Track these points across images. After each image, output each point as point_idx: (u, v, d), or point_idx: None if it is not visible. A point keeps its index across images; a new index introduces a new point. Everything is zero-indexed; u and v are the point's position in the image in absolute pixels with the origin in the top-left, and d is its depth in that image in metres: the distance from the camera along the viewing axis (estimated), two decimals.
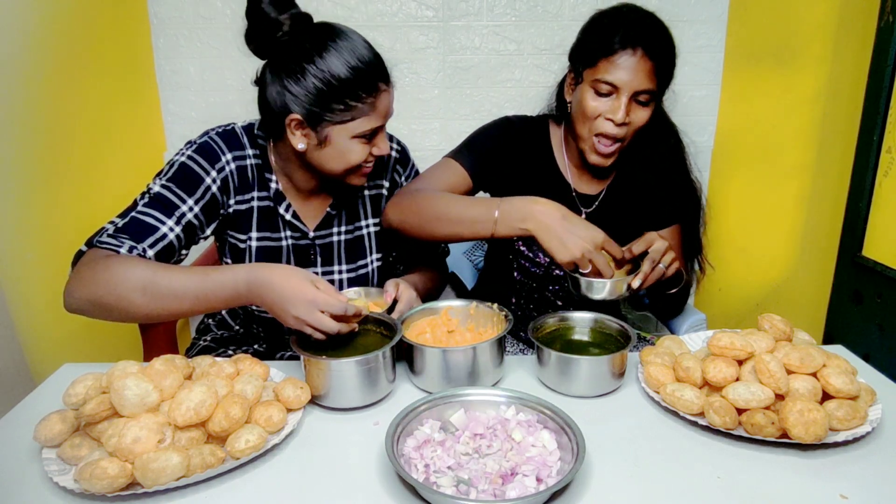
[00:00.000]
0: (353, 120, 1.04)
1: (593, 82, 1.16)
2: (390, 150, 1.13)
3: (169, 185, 1.06)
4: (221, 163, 1.10)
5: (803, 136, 1.61)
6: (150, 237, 1.01)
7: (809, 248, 1.64)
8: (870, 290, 1.39)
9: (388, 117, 1.10)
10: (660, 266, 1.09)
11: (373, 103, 1.04)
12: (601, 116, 1.16)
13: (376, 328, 1.02)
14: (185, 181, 1.07)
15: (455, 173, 1.25)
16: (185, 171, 1.07)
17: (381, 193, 1.27)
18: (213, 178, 1.09)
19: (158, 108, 1.85)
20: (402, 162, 1.30)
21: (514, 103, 1.91)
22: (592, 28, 1.21)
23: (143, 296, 0.92)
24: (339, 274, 1.24)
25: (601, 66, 1.14)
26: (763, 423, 0.80)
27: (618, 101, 1.15)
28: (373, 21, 1.82)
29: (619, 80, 1.13)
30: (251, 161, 1.14)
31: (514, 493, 0.70)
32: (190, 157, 1.09)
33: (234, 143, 1.13)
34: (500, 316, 1.04)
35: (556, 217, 1.03)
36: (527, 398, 0.85)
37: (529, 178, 1.30)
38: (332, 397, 0.90)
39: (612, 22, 1.16)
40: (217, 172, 1.10)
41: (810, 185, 1.62)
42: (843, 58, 1.49)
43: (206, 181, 1.08)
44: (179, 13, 1.78)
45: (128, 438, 0.71)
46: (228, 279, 0.94)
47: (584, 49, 1.19)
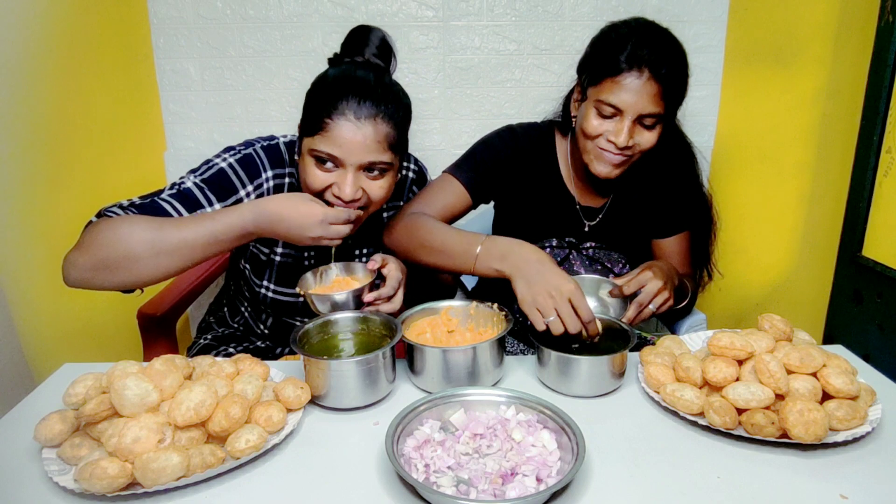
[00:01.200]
0: (312, 136, 1.02)
1: (597, 102, 1.11)
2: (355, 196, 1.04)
3: (202, 185, 1.05)
4: (261, 179, 1.10)
5: (803, 136, 1.61)
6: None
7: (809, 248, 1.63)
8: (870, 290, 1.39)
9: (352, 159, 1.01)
10: (649, 308, 1.08)
11: (329, 125, 1.00)
12: (603, 137, 1.12)
13: (376, 328, 1.02)
14: (218, 187, 1.06)
15: (453, 192, 1.23)
16: (221, 178, 1.06)
17: None
18: (247, 193, 1.09)
19: (158, 108, 1.85)
20: (419, 183, 1.30)
21: (514, 103, 1.91)
22: (600, 43, 1.16)
23: (150, 249, 0.92)
24: None
25: (605, 86, 1.10)
26: (763, 423, 0.80)
27: (621, 123, 1.10)
28: (373, 21, 1.81)
29: (622, 103, 1.08)
30: (289, 180, 1.14)
31: (514, 493, 0.70)
32: (231, 166, 1.08)
33: (276, 159, 1.13)
34: (500, 316, 1.04)
35: (532, 261, 1.00)
36: (527, 398, 0.85)
37: (533, 190, 1.28)
38: (332, 397, 0.90)
39: (620, 38, 1.10)
40: (254, 189, 1.09)
41: (810, 185, 1.62)
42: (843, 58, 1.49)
43: (241, 194, 1.08)
44: (179, 13, 1.78)
45: (128, 438, 0.71)
46: (236, 220, 0.96)
47: (591, 65, 1.15)
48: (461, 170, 1.25)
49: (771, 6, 1.69)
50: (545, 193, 1.29)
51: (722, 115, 1.92)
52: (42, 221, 1.36)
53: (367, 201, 1.07)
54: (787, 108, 1.64)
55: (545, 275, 0.98)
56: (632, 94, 1.07)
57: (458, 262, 1.08)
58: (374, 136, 1.01)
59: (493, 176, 1.26)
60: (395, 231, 1.19)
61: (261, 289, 1.20)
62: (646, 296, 1.08)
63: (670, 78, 1.08)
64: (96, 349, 1.54)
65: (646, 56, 1.07)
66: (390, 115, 1.03)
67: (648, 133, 1.12)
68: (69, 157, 1.43)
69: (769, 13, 1.70)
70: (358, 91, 1.01)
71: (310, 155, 1.03)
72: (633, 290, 1.08)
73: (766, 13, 1.71)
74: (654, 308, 1.09)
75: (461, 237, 1.09)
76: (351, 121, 1.00)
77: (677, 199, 1.29)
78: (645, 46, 1.07)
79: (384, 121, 1.02)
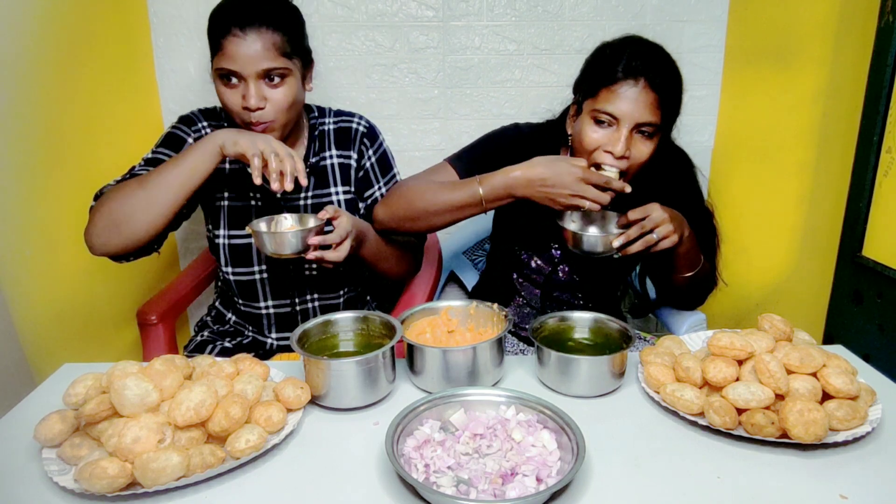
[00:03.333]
0: (213, 58, 1.15)
1: (593, 112, 1.12)
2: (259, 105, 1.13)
3: (158, 149, 1.23)
4: (198, 127, 1.28)
5: (803, 136, 1.61)
6: None
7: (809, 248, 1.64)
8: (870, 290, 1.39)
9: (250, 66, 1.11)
10: (652, 235, 1.08)
11: (223, 44, 1.11)
12: (600, 149, 1.12)
13: (376, 328, 1.02)
14: (170, 143, 1.24)
15: (447, 177, 1.23)
16: (170, 137, 1.25)
17: (349, 164, 1.34)
18: (192, 138, 1.25)
19: (158, 108, 1.85)
20: (370, 137, 1.37)
21: (514, 103, 1.91)
22: (595, 59, 1.17)
23: (141, 198, 1.08)
24: None
25: (602, 96, 1.10)
26: (763, 423, 0.80)
27: (618, 132, 1.10)
28: (373, 21, 1.82)
29: (619, 111, 1.09)
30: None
31: (514, 493, 0.70)
32: (175, 127, 1.27)
33: (211, 115, 1.31)
34: (500, 316, 1.04)
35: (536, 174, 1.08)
36: (527, 398, 0.85)
37: None
38: (332, 397, 0.90)
39: (615, 52, 1.12)
40: (194, 134, 1.26)
41: (810, 185, 1.62)
42: (843, 58, 1.49)
43: (189, 140, 1.24)
44: (179, 13, 1.78)
45: (128, 438, 0.71)
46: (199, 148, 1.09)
47: (586, 80, 1.16)
48: (460, 161, 1.26)
49: (771, 6, 1.69)
50: None
51: (722, 115, 1.92)
52: (42, 221, 1.36)
53: (273, 110, 1.15)
54: (787, 108, 1.64)
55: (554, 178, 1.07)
56: (628, 103, 1.08)
57: (468, 210, 1.15)
58: (263, 45, 1.11)
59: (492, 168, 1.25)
60: (392, 205, 1.22)
61: (218, 239, 1.30)
62: (649, 221, 1.08)
63: (666, 88, 1.09)
64: (96, 349, 1.54)
65: (641, 66, 1.08)
66: (275, 22, 1.13)
67: (644, 145, 1.12)
68: (69, 157, 1.43)
69: (769, 13, 1.70)
70: (243, 6, 1.13)
71: (217, 77, 1.15)
72: (637, 217, 1.09)
73: (766, 13, 1.71)
74: (657, 237, 1.08)
75: (458, 187, 1.16)
76: (238, 35, 1.10)
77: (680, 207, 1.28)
78: (640, 57, 1.09)
79: (270, 29, 1.12)
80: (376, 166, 1.36)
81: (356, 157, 1.35)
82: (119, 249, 1.11)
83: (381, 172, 1.37)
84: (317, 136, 1.33)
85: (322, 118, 1.36)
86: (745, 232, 1.78)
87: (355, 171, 1.35)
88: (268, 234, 1.09)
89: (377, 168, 1.36)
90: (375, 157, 1.36)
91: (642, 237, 1.08)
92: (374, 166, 1.36)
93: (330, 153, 1.33)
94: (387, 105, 1.89)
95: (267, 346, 1.37)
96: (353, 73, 1.86)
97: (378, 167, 1.37)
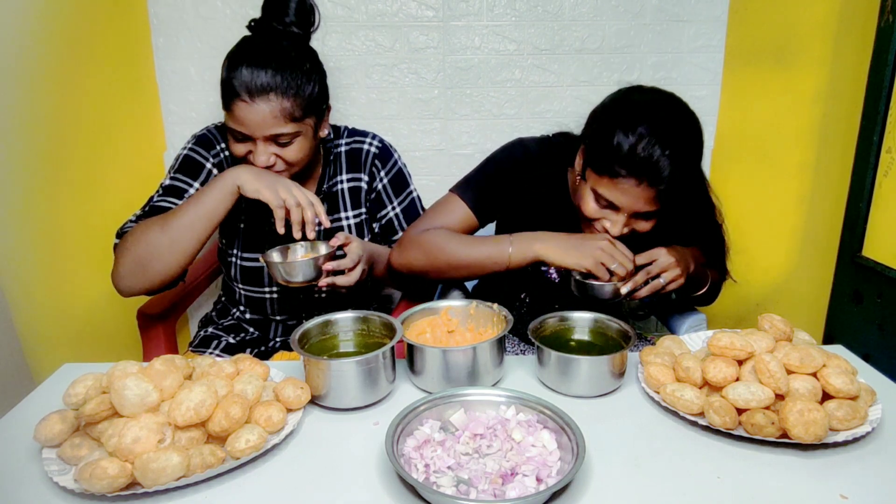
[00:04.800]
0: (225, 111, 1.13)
1: (594, 192, 1.10)
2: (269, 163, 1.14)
3: (177, 175, 1.21)
4: (216, 149, 1.24)
5: (803, 136, 1.61)
6: None
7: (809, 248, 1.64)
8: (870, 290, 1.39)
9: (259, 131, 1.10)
10: (659, 280, 1.10)
11: (233, 106, 1.10)
12: (600, 221, 1.13)
13: (376, 328, 1.02)
14: (189, 169, 1.22)
15: (458, 213, 1.22)
16: (188, 161, 1.23)
17: (360, 186, 1.33)
18: (211, 163, 1.23)
19: (158, 108, 1.85)
20: (382, 158, 1.34)
21: (513, 103, 1.91)
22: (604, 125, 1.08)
23: (164, 238, 1.08)
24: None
25: (603, 182, 1.07)
26: (763, 423, 0.80)
27: (617, 215, 1.10)
28: (373, 21, 1.82)
29: (618, 202, 1.08)
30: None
31: (514, 493, 0.70)
32: (191, 149, 1.24)
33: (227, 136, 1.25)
34: (500, 316, 1.04)
35: (562, 236, 1.12)
36: (527, 398, 0.85)
37: (540, 210, 1.26)
38: (332, 397, 0.90)
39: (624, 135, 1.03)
40: (213, 158, 1.24)
41: (810, 185, 1.62)
42: (843, 58, 1.49)
43: (207, 166, 1.23)
44: (179, 13, 1.78)
45: (128, 438, 0.71)
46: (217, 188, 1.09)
47: (594, 147, 1.09)
48: (467, 190, 1.24)
49: (771, 6, 1.69)
50: (552, 214, 1.26)
51: (722, 115, 1.92)
52: (42, 221, 1.36)
53: (284, 165, 1.16)
54: (787, 108, 1.64)
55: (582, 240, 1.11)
56: (628, 197, 1.07)
57: (491, 266, 1.15)
58: (270, 113, 1.09)
59: (501, 195, 1.24)
60: (409, 254, 1.20)
61: (231, 257, 1.30)
62: (655, 266, 1.10)
63: (670, 183, 1.04)
64: (96, 349, 1.54)
65: (645, 165, 1.02)
66: (285, 87, 1.09)
67: (645, 223, 1.13)
68: (69, 158, 1.43)
69: (769, 13, 1.70)
70: (250, 69, 1.08)
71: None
72: (643, 262, 1.11)
73: (766, 13, 1.71)
74: (664, 282, 1.11)
75: (486, 242, 1.15)
76: (246, 101, 1.08)
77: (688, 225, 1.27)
78: (647, 152, 1.02)
79: (279, 95, 1.09)
80: (389, 187, 1.35)
81: (367, 180, 1.33)
82: (145, 289, 1.14)
83: (394, 193, 1.35)
84: (331, 160, 1.32)
85: (337, 139, 1.34)
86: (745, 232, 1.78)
87: (366, 192, 1.34)
88: (281, 263, 1.09)
89: (390, 189, 1.35)
90: (388, 178, 1.34)
91: (648, 283, 1.10)
92: (387, 187, 1.35)
93: (341, 177, 1.32)
94: (387, 105, 1.89)
95: (270, 344, 1.38)
96: (353, 73, 1.86)
97: (391, 188, 1.35)
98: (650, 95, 1.11)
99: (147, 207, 1.18)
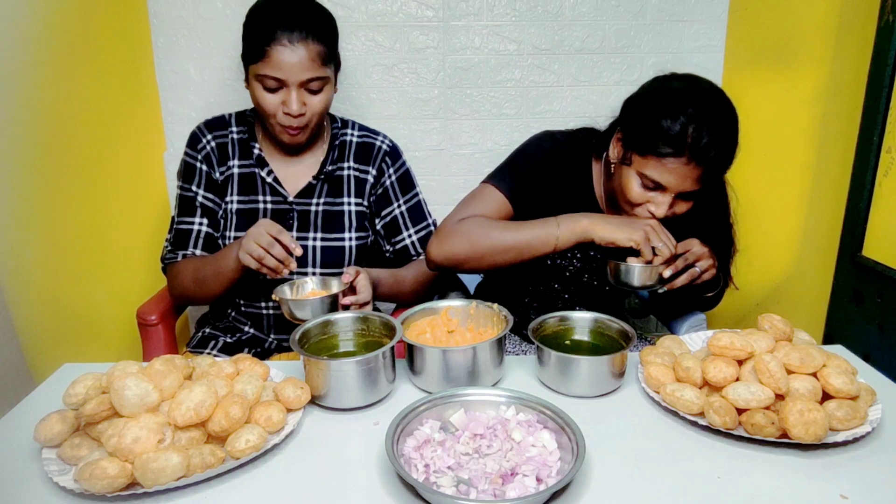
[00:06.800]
0: (254, 63, 1.17)
1: (641, 175, 1.11)
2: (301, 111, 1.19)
3: (181, 184, 1.32)
4: (202, 143, 1.31)
5: (803, 136, 1.61)
6: (189, 240, 1.30)
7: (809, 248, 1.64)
8: (870, 290, 1.39)
9: (295, 75, 1.16)
10: (695, 269, 1.13)
11: (269, 52, 1.14)
12: (643, 206, 1.14)
13: (376, 328, 1.02)
14: (187, 174, 1.31)
15: (495, 201, 1.21)
16: (185, 166, 1.32)
17: (367, 179, 1.36)
18: (199, 160, 1.31)
19: (158, 108, 1.85)
20: (392, 156, 1.38)
21: (513, 103, 1.91)
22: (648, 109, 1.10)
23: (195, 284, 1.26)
24: (314, 241, 1.32)
25: (651, 163, 1.08)
26: (763, 423, 0.80)
27: (663, 197, 1.11)
28: (373, 21, 1.82)
29: (666, 182, 1.09)
30: (234, 136, 1.34)
31: (514, 493, 0.70)
32: (185, 153, 1.33)
33: (217, 125, 1.34)
34: (500, 316, 1.04)
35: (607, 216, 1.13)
36: (527, 398, 0.85)
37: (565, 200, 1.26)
38: (332, 397, 0.90)
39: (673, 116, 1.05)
40: (200, 153, 1.31)
41: (810, 185, 1.62)
42: (843, 58, 1.49)
43: (197, 165, 1.31)
44: (179, 13, 1.78)
45: (128, 438, 0.71)
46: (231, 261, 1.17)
47: (639, 130, 1.11)
48: (502, 179, 1.23)
49: (771, 6, 1.69)
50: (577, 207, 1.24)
51: None
52: (42, 221, 1.36)
53: (310, 116, 1.22)
54: (788, 107, 1.64)
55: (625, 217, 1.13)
56: (676, 177, 1.08)
57: (540, 248, 1.14)
58: (308, 56, 1.16)
59: (535, 183, 1.24)
60: (449, 241, 1.18)
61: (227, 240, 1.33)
62: (691, 255, 1.12)
63: (716, 163, 1.08)
64: (96, 349, 1.54)
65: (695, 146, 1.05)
66: (319, 34, 1.17)
67: (685, 204, 1.14)
68: (69, 157, 1.43)
69: (769, 13, 1.70)
70: (289, 17, 1.15)
71: (256, 80, 1.18)
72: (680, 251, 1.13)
73: (766, 13, 1.71)
74: (700, 270, 1.13)
75: (532, 226, 1.14)
76: (286, 45, 1.14)
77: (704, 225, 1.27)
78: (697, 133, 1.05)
79: (314, 41, 1.16)
80: (396, 185, 1.38)
81: (375, 174, 1.36)
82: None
83: (401, 191, 1.38)
84: (337, 145, 1.34)
85: (345, 129, 1.38)
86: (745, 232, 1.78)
87: (372, 186, 1.37)
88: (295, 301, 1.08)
89: (397, 186, 1.38)
90: (396, 175, 1.38)
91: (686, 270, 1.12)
92: (395, 185, 1.38)
93: (348, 164, 1.36)
94: (387, 105, 1.89)
95: (266, 344, 1.38)
96: (353, 73, 1.86)
97: (399, 185, 1.38)
98: (690, 81, 1.13)
99: (173, 231, 1.31)
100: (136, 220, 1.67)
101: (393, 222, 1.37)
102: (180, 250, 1.30)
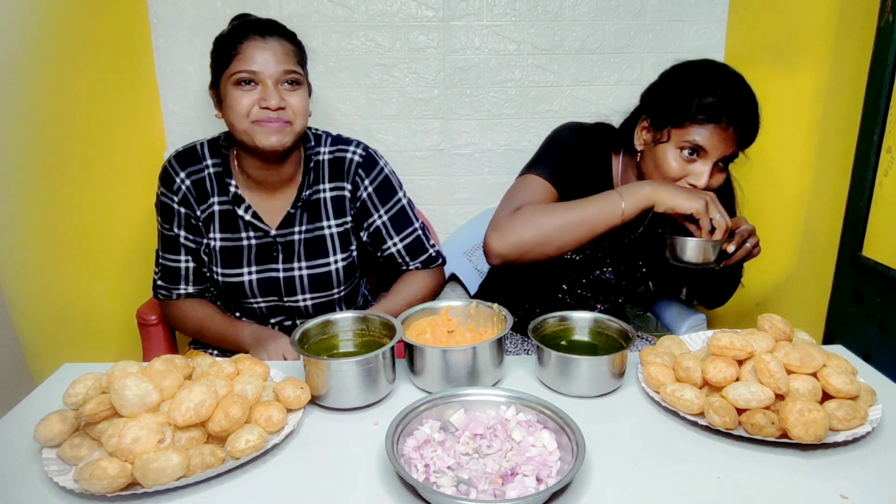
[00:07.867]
0: (227, 66, 1.16)
1: (680, 145, 1.12)
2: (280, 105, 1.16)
3: (161, 224, 1.30)
4: (177, 184, 1.26)
5: (803, 135, 1.61)
6: (180, 277, 1.30)
7: (809, 248, 1.63)
8: (870, 290, 1.38)
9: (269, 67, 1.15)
10: (747, 245, 1.14)
11: (241, 48, 1.15)
12: (683, 179, 1.14)
13: (376, 328, 1.02)
14: (166, 215, 1.28)
15: (540, 188, 1.20)
16: (162, 206, 1.28)
17: (343, 195, 1.31)
18: (176, 202, 1.26)
19: (158, 108, 1.85)
20: (366, 167, 1.32)
21: (513, 103, 1.91)
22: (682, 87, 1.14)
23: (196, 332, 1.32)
24: (300, 271, 1.30)
25: (691, 130, 1.11)
26: (763, 423, 0.80)
27: (703, 165, 1.12)
28: (373, 21, 1.82)
29: (708, 145, 1.10)
30: (210, 171, 1.28)
31: (514, 493, 0.70)
32: (160, 192, 1.28)
33: (190, 160, 1.27)
34: (500, 316, 1.04)
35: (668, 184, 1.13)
36: (527, 398, 0.85)
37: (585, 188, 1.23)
38: (332, 397, 0.90)
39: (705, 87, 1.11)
40: (176, 195, 1.26)
41: (810, 185, 1.62)
42: (843, 58, 1.49)
43: (175, 207, 1.26)
44: (179, 13, 1.78)
45: (128, 438, 0.71)
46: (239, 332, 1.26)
47: (671, 105, 1.14)
48: (541, 167, 1.22)
49: (771, 6, 1.69)
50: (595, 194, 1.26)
51: None
52: (42, 221, 1.36)
53: (292, 113, 1.18)
54: (787, 107, 1.63)
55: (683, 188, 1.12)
56: (716, 140, 1.10)
57: (604, 224, 1.11)
58: (282, 49, 1.17)
59: (572, 166, 1.24)
60: (511, 230, 1.13)
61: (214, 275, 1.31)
62: (744, 231, 1.14)
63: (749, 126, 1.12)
64: (96, 349, 1.54)
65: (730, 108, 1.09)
66: (289, 35, 1.21)
67: (720, 175, 1.16)
68: (69, 157, 1.43)
69: (769, 13, 1.70)
70: (257, 21, 1.21)
71: (231, 83, 1.15)
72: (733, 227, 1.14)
73: (766, 13, 1.71)
74: (751, 246, 1.15)
75: (595, 201, 1.12)
76: (258, 40, 1.15)
77: None
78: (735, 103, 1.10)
79: (285, 38, 1.19)
80: (374, 196, 1.32)
81: (350, 188, 1.31)
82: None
83: (381, 201, 1.33)
84: (312, 168, 1.29)
85: (318, 147, 1.32)
86: None
87: (350, 200, 1.32)
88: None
89: (375, 198, 1.32)
90: (373, 186, 1.31)
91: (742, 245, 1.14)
92: (373, 196, 1.32)
93: (323, 186, 1.30)
94: (387, 105, 1.89)
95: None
96: (353, 73, 1.86)
97: (377, 196, 1.32)
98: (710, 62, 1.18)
99: (160, 266, 1.31)
100: (136, 221, 1.67)
101: (376, 232, 1.34)
102: (173, 287, 1.31)
